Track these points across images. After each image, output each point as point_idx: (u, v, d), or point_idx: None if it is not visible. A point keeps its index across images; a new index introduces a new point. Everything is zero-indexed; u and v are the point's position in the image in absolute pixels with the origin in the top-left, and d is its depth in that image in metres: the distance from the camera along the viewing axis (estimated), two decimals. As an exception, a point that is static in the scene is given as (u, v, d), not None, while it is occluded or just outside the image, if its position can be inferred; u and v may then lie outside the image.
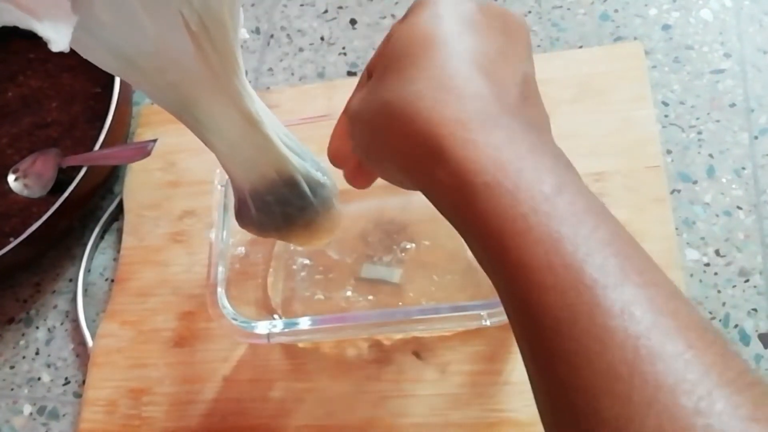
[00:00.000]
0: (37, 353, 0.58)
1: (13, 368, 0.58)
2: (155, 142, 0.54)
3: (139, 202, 0.61)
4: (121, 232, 0.60)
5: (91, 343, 0.56)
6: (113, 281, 0.59)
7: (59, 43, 0.24)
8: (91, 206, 0.63)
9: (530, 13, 0.61)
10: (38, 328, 0.59)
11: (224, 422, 0.50)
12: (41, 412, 0.56)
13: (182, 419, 0.51)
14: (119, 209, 0.62)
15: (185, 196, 0.60)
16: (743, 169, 0.51)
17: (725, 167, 0.51)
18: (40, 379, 0.57)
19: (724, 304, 0.47)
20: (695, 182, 0.51)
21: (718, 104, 0.53)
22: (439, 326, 0.46)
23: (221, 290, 0.45)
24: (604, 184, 0.50)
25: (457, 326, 0.47)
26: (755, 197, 0.50)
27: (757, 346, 0.46)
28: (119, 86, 0.60)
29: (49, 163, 0.61)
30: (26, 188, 0.62)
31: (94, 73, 0.64)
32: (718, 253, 0.49)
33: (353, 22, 0.66)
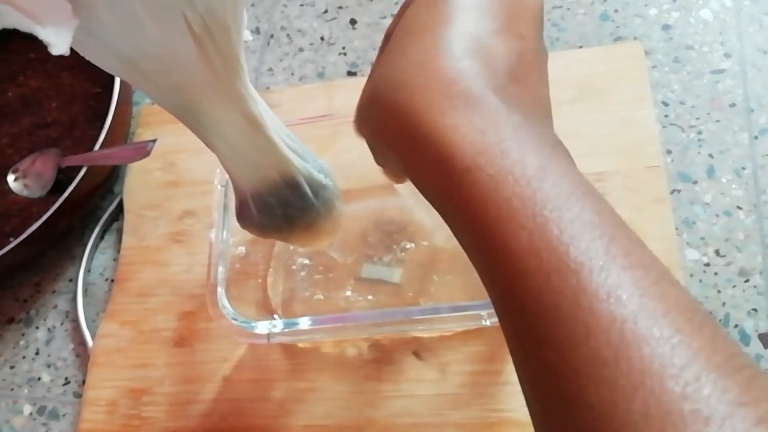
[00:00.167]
0: (37, 353, 0.58)
1: (13, 368, 0.58)
2: (155, 142, 0.54)
3: (139, 202, 0.61)
4: (121, 232, 0.60)
5: (91, 343, 0.56)
6: (113, 281, 0.59)
7: (60, 46, 0.24)
8: (91, 206, 0.63)
9: (530, 13, 0.61)
10: (38, 328, 0.59)
11: (224, 422, 0.50)
12: (41, 412, 0.56)
13: (182, 419, 0.51)
14: (119, 209, 0.62)
15: (185, 196, 0.60)
16: (743, 169, 0.51)
17: (725, 167, 0.51)
18: (40, 379, 0.57)
19: (724, 304, 0.47)
20: (695, 182, 0.51)
21: (718, 104, 0.53)
22: (439, 326, 0.46)
23: (221, 290, 0.45)
24: (604, 184, 0.50)
25: (457, 326, 0.47)
26: (755, 197, 0.50)
27: (757, 346, 0.46)
28: (119, 86, 0.59)
29: (48, 163, 0.61)
30: (26, 188, 0.62)
31: (94, 73, 0.64)
32: (718, 253, 0.49)
33: (353, 22, 0.66)
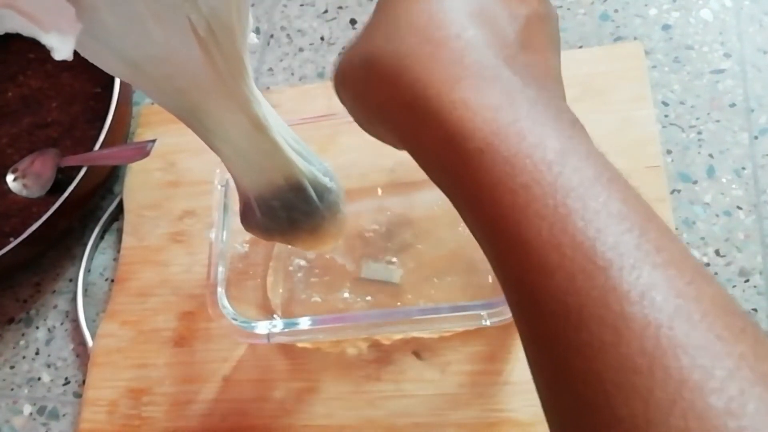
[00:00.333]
0: (37, 353, 0.58)
1: (13, 368, 0.58)
2: (154, 142, 0.54)
3: (139, 202, 0.61)
4: (121, 232, 0.60)
5: (91, 343, 0.56)
6: (113, 281, 0.59)
7: (63, 51, 0.23)
8: (91, 206, 0.63)
9: (530, 13, 0.61)
10: (38, 328, 0.59)
11: (224, 422, 0.50)
12: (41, 412, 0.56)
13: (182, 419, 0.51)
14: (119, 209, 0.62)
15: (185, 196, 0.60)
16: (743, 169, 0.51)
17: (725, 167, 0.51)
18: (40, 379, 0.57)
19: (724, 304, 0.47)
20: (695, 182, 0.51)
21: (718, 104, 0.53)
22: (439, 326, 0.46)
23: (221, 290, 0.45)
24: (604, 184, 0.50)
25: (457, 326, 0.47)
26: (755, 197, 0.50)
27: (757, 346, 0.46)
28: (119, 86, 0.60)
29: (47, 163, 0.61)
30: (25, 188, 0.61)
31: (94, 73, 0.64)
32: (718, 253, 0.49)
33: (353, 22, 0.66)
